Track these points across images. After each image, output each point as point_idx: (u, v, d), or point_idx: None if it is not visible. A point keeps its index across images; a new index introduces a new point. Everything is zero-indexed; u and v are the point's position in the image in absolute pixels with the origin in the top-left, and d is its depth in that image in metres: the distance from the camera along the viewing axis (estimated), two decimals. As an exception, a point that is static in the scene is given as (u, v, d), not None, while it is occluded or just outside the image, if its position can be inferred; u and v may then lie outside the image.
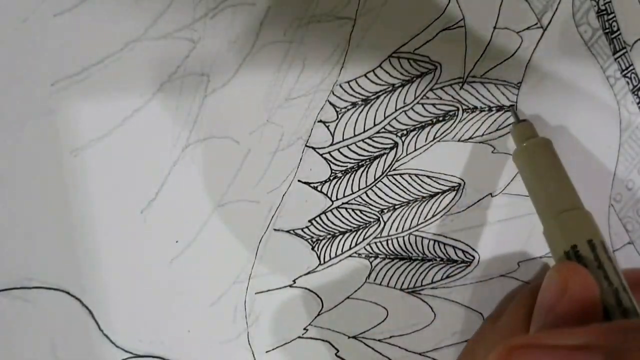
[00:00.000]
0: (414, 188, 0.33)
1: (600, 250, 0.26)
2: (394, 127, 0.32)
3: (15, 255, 0.27)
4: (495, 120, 0.33)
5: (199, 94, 0.29)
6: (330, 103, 0.30)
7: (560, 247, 0.27)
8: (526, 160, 0.31)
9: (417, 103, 0.32)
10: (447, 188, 0.33)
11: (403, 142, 0.32)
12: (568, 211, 0.28)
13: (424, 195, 0.33)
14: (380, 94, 0.31)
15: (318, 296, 0.32)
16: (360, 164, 0.32)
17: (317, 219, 0.31)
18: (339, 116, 0.31)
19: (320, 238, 0.32)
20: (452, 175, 0.33)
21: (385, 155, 0.32)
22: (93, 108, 0.28)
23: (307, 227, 0.31)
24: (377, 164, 0.32)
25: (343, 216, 0.32)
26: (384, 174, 0.32)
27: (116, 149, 0.28)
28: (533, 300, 0.27)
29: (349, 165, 0.31)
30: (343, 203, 0.32)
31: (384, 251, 0.33)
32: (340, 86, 0.30)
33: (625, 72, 0.34)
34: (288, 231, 0.31)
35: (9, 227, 0.27)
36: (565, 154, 0.31)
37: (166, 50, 0.28)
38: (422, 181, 0.33)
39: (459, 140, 0.33)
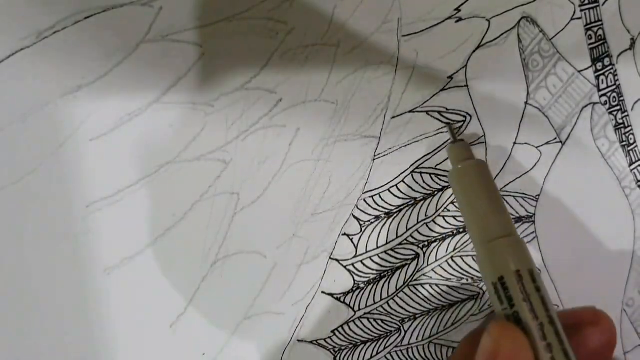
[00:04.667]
0: (435, 298, 0.33)
1: (527, 282, 0.26)
2: (415, 239, 0.32)
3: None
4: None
5: (229, 211, 0.29)
6: (355, 217, 0.31)
7: (489, 278, 0.27)
8: (460, 182, 0.30)
9: (439, 215, 0.33)
10: (466, 297, 0.34)
11: (424, 253, 0.33)
12: (498, 239, 0.27)
13: (444, 304, 0.34)
14: (402, 207, 0.32)
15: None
16: (382, 274, 0.32)
17: (340, 329, 0.32)
18: (363, 229, 0.32)
19: (343, 348, 0.32)
20: (471, 284, 0.34)
21: (406, 266, 0.33)
22: (126, 228, 0.28)
23: (329, 337, 0.32)
24: (399, 275, 0.33)
25: (365, 326, 0.33)
26: (406, 284, 0.33)
27: (148, 267, 0.29)
28: (474, 353, 0.27)
29: (372, 277, 0.32)
30: (365, 313, 0.32)
31: (404, 360, 0.33)
32: (365, 200, 0.31)
33: (641, 182, 0.35)
34: (311, 342, 0.32)
35: (43, 342, 0.28)
36: (580, 259, 0.32)
37: (199, 171, 0.29)
38: (442, 291, 0.33)
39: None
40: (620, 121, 0.34)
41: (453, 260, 0.33)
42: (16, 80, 0.25)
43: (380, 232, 0.32)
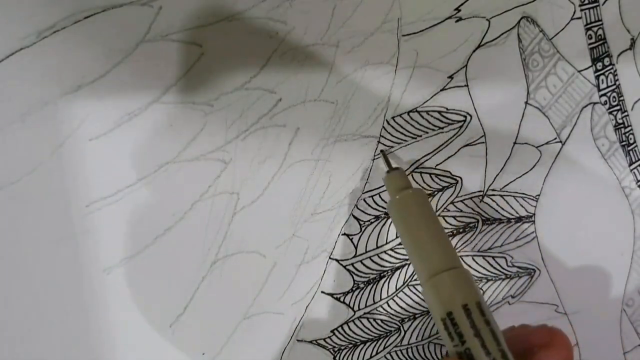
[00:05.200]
0: (434, 297, 0.33)
1: (476, 315, 0.25)
2: (415, 239, 0.32)
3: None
4: (514, 232, 0.33)
5: (229, 211, 0.29)
6: (354, 217, 0.31)
7: (437, 314, 0.26)
8: (399, 214, 0.29)
9: (438, 216, 0.33)
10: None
11: (424, 253, 0.33)
12: (442, 273, 0.26)
13: (444, 304, 0.34)
14: (402, 207, 0.32)
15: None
16: (382, 274, 0.32)
17: (339, 329, 0.32)
18: (362, 229, 0.32)
19: (342, 347, 0.32)
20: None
21: (406, 266, 0.33)
22: (125, 228, 0.28)
23: (329, 337, 0.32)
24: (399, 275, 0.33)
25: (365, 326, 0.33)
26: (405, 284, 0.33)
27: (148, 267, 0.29)
28: None
29: (371, 276, 0.32)
30: (365, 313, 0.32)
31: (404, 359, 0.33)
32: (364, 200, 0.31)
33: (641, 182, 0.35)
34: (311, 342, 0.32)
35: (43, 341, 0.28)
36: (580, 259, 0.32)
37: (199, 170, 0.29)
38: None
39: (478, 251, 0.33)
40: (620, 121, 0.34)
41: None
42: (16, 80, 0.25)
43: (380, 232, 0.32)
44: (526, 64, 0.32)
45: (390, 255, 0.32)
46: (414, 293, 0.33)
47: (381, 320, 0.32)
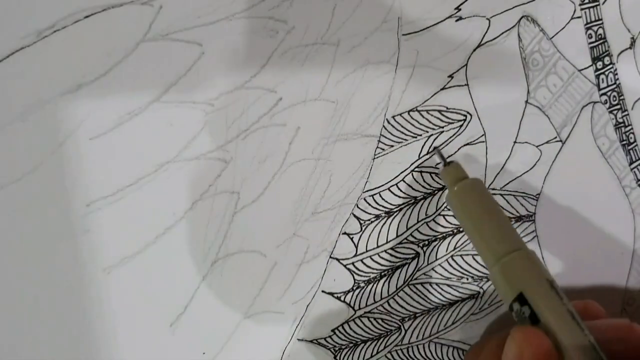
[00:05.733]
0: (435, 297, 0.33)
1: (549, 292, 0.25)
2: (415, 238, 0.32)
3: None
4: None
5: (229, 210, 0.29)
6: (355, 216, 0.31)
7: (508, 295, 0.26)
8: (459, 204, 0.29)
9: (439, 214, 0.33)
10: (466, 296, 0.34)
11: (424, 252, 0.33)
12: (509, 254, 0.27)
13: (444, 303, 0.34)
14: (403, 206, 0.32)
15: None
16: (382, 273, 0.32)
17: (340, 328, 0.32)
18: (363, 228, 0.32)
19: (343, 347, 0.32)
20: (471, 283, 0.34)
21: (407, 265, 0.33)
22: (126, 227, 0.28)
23: (329, 336, 0.32)
24: (399, 274, 0.33)
25: (365, 325, 0.33)
26: (406, 284, 0.33)
27: (148, 266, 0.29)
28: (499, 356, 0.26)
29: (372, 276, 0.32)
30: (365, 312, 0.32)
31: (405, 359, 0.33)
32: (365, 200, 0.31)
33: (641, 181, 0.35)
34: (311, 341, 0.32)
35: (43, 341, 0.28)
36: (580, 258, 0.32)
37: (199, 170, 0.29)
38: (442, 290, 0.33)
39: (478, 250, 0.33)
40: (621, 120, 0.34)
41: (453, 259, 0.33)
42: (16, 79, 0.25)
43: (380, 231, 0.32)
44: (526, 63, 0.32)
45: (391, 254, 0.32)
46: (415, 292, 0.33)
47: (382, 320, 0.33)
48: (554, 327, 0.24)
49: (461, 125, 0.32)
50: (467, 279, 0.34)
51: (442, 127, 0.31)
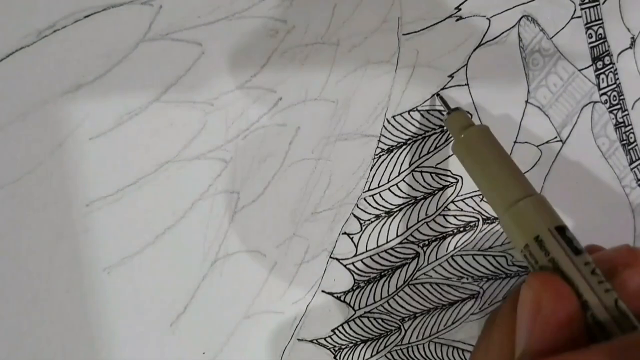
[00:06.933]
0: (435, 296, 0.33)
1: (562, 236, 0.24)
2: (415, 238, 0.32)
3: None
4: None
5: (229, 210, 0.29)
6: (355, 216, 0.31)
7: (522, 239, 0.25)
8: (467, 152, 0.29)
9: (439, 214, 0.33)
10: (466, 296, 0.34)
11: (424, 252, 0.33)
12: (521, 200, 0.26)
13: (444, 303, 0.34)
14: (403, 206, 0.32)
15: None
16: (382, 273, 0.32)
17: (340, 328, 0.32)
18: (363, 228, 0.32)
19: (343, 347, 0.32)
20: (471, 283, 0.34)
21: (407, 265, 0.33)
22: (126, 227, 0.28)
23: (329, 336, 0.32)
24: (399, 274, 0.33)
25: (365, 325, 0.33)
26: (406, 283, 0.33)
27: (148, 266, 0.29)
28: (515, 313, 0.25)
29: (372, 275, 0.32)
30: (365, 312, 0.32)
31: (405, 358, 0.33)
32: (365, 199, 0.31)
33: (641, 181, 0.35)
34: (311, 341, 0.32)
35: (43, 341, 0.28)
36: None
37: (199, 169, 0.29)
38: (442, 290, 0.33)
39: (478, 250, 0.33)
40: (621, 120, 0.34)
41: (453, 259, 0.33)
42: (16, 79, 0.25)
43: (380, 231, 0.32)
44: (526, 63, 0.32)
45: (391, 254, 0.32)
46: (415, 292, 0.33)
47: (382, 320, 0.32)
48: (572, 274, 0.23)
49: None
50: (467, 279, 0.34)
51: (442, 127, 0.31)
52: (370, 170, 0.31)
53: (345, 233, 0.31)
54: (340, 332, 0.32)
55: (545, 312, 0.22)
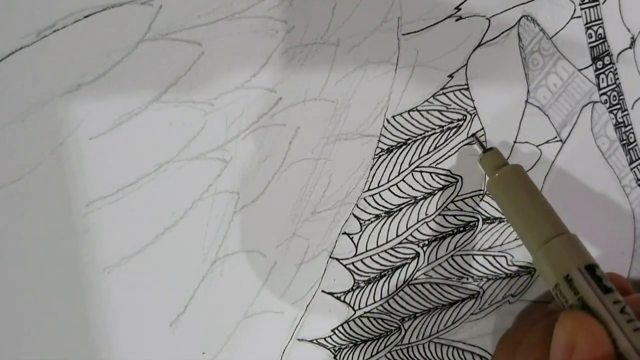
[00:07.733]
0: (435, 296, 0.33)
1: (593, 276, 0.25)
2: (415, 238, 0.32)
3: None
4: (514, 231, 0.33)
5: (229, 210, 0.29)
6: (355, 216, 0.31)
7: (553, 278, 0.26)
8: (501, 190, 0.30)
9: (439, 214, 0.33)
10: (466, 296, 0.34)
11: (424, 252, 0.33)
12: (554, 239, 0.27)
13: (444, 303, 0.34)
14: (403, 206, 0.32)
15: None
16: (382, 273, 0.32)
17: (340, 328, 0.32)
18: (363, 228, 0.32)
19: (343, 347, 0.32)
20: (471, 283, 0.34)
21: (407, 265, 0.33)
22: (126, 227, 0.28)
23: (329, 336, 0.32)
24: (399, 274, 0.33)
25: (365, 325, 0.33)
26: (406, 283, 0.33)
27: (148, 266, 0.29)
28: (545, 344, 0.25)
29: (372, 275, 0.32)
30: (365, 312, 0.32)
31: (405, 359, 0.33)
32: (365, 199, 0.31)
33: (641, 181, 0.35)
34: (311, 341, 0.32)
35: (43, 341, 0.28)
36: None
37: (199, 169, 0.29)
38: (442, 290, 0.33)
39: (478, 250, 0.33)
40: (621, 120, 0.34)
41: (453, 259, 0.33)
42: (16, 79, 0.25)
43: (380, 231, 0.32)
44: (526, 63, 0.32)
45: (391, 254, 0.32)
46: (415, 292, 0.33)
47: (382, 320, 0.33)
48: (603, 315, 0.24)
49: (461, 125, 0.32)
50: (467, 279, 0.34)
51: (442, 127, 0.31)
52: (370, 170, 0.31)
53: (345, 233, 0.31)
54: (340, 332, 0.32)
55: (580, 355, 0.23)
